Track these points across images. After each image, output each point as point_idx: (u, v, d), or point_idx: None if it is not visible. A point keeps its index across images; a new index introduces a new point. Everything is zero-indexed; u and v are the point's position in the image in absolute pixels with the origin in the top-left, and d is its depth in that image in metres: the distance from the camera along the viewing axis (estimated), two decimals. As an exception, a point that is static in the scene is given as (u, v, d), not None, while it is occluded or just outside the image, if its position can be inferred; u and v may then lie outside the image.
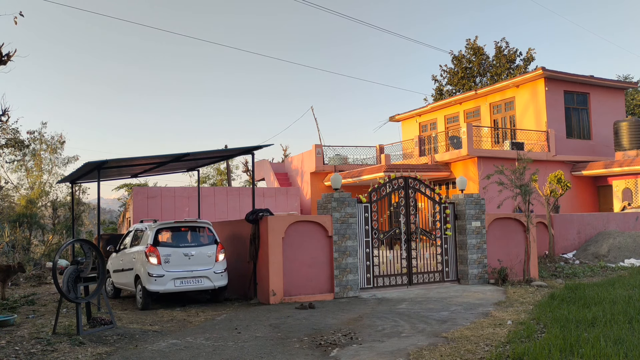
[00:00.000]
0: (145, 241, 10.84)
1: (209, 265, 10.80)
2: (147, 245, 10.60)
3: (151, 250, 10.46)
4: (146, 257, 10.47)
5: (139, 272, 10.66)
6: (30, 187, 31.10)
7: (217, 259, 10.93)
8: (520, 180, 13.17)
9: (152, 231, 10.80)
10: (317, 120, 73.78)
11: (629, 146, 21.01)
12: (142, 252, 10.64)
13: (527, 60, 33.79)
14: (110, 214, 50.09)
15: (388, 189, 12.45)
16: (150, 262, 10.37)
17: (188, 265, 10.59)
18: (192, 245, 10.86)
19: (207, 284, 10.74)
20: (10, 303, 11.27)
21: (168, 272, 10.39)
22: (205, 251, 10.85)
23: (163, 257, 10.42)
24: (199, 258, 10.71)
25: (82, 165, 11.43)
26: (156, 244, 10.57)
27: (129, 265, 11.40)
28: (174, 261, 10.48)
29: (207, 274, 10.71)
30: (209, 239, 11.15)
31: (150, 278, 10.30)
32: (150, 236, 10.70)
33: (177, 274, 10.48)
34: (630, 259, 16.04)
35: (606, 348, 6.20)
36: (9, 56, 12.08)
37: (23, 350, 7.12)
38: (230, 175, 36.95)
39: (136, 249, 11.23)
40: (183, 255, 10.58)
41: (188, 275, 10.56)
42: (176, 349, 7.19)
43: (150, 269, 10.35)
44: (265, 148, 22.16)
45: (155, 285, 10.31)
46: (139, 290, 10.69)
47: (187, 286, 10.55)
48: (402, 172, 16.25)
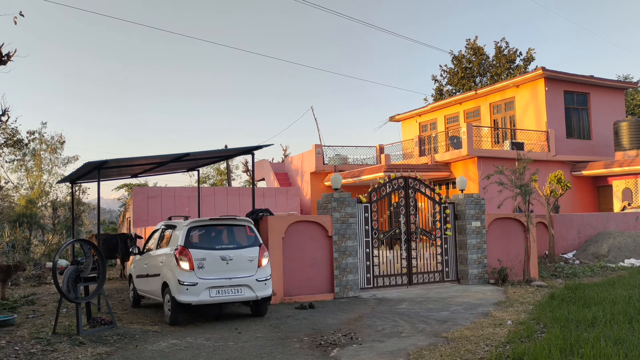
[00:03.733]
0: (175, 242, 9.10)
1: (250, 271, 9.05)
2: (177, 247, 8.87)
3: (182, 253, 8.73)
4: (176, 261, 8.75)
5: (167, 278, 8.98)
6: (30, 187, 31.10)
7: (260, 264, 9.16)
8: (520, 180, 13.17)
9: (182, 230, 9.06)
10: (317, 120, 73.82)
11: (629, 146, 21.02)
12: (171, 255, 8.94)
13: (527, 60, 33.80)
14: (110, 214, 50.08)
15: (388, 189, 12.46)
16: (181, 267, 8.65)
17: (226, 271, 8.86)
18: (231, 247, 9.13)
19: (248, 294, 8.95)
20: (10, 303, 11.27)
21: (202, 279, 8.65)
22: (246, 254, 9.12)
23: (196, 261, 8.69)
24: (239, 263, 9.00)
25: (82, 165, 11.41)
26: (188, 245, 8.85)
27: (154, 271, 9.71)
28: (209, 266, 8.75)
29: (248, 281, 8.96)
30: (249, 239, 9.40)
31: (180, 287, 8.58)
32: (181, 236, 8.96)
33: (213, 281, 8.72)
34: (630, 259, 16.05)
35: (606, 348, 6.20)
36: (9, 56, 12.09)
37: (23, 350, 7.12)
38: (230, 175, 36.96)
39: (163, 252, 9.56)
40: (220, 260, 8.85)
41: (226, 284, 8.80)
42: (176, 349, 7.19)
43: (181, 276, 8.62)
44: (265, 148, 22.16)
45: (187, 295, 8.57)
46: (167, 301, 8.97)
47: (224, 297, 8.79)
48: (402, 172, 16.25)
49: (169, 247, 9.36)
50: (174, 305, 8.78)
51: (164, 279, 9.16)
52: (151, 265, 10.01)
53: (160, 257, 9.60)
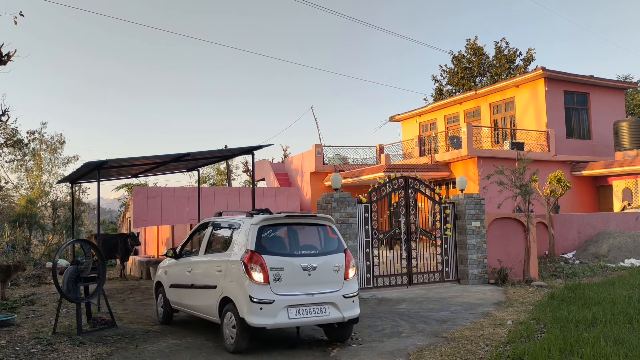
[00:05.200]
0: (240, 245, 7.16)
1: (336, 284, 7.15)
2: (246, 251, 6.91)
3: (253, 260, 6.77)
4: (245, 271, 6.75)
5: (231, 293, 7.01)
6: (30, 187, 31.10)
7: (347, 275, 7.27)
8: (520, 180, 13.17)
9: (251, 229, 7.08)
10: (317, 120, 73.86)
11: (629, 146, 21.02)
12: (237, 263, 6.93)
13: (527, 60, 33.80)
14: (110, 214, 50.07)
15: (388, 189, 12.46)
16: (253, 278, 6.69)
17: (307, 284, 6.96)
18: (312, 254, 7.19)
19: (334, 315, 7.03)
20: (10, 303, 11.27)
21: (279, 295, 6.73)
22: (331, 263, 7.19)
23: (272, 271, 6.75)
24: (323, 273, 7.08)
25: (82, 165, 11.41)
26: (260, 249, 6.88)
27: (205, 281, 7.71)
28: (287, 278, 6.84)
29: (333, 298, 7.06)
30: (332, 243, 7.45)
31: (252, 305, 6.63)
32: (250, 237, 7.01)
33: (293, 298, 6.81)
34: (630, 259, 16.05)
35: (606, 348, 6.20)
36: (9, 56, 12.10)
37: (23, 350, 7.12)
38: (230, 175, 36.94)
39: (220, 257, 7.52)
40: (301, 270, 6.94)
41: (307, 301, 6.88)
42: (177, 349, 7.20)
43: (253, 291, 6.66)
44: (265, 148, 22.16)
45: (261, 316, 6.64)
46: (230, 323, 7.00)
47: (306, 318, 6.87)
48: (402, 172, 16.25)
49: (229, 251, 7.35)
50: (241, 329, 6.76)
51: (224, 293, 7.14)
52: (199, 274, 7.97)
53: (216, 264, 7.50)
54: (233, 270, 7.04)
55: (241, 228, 7.33)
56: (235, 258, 7.04)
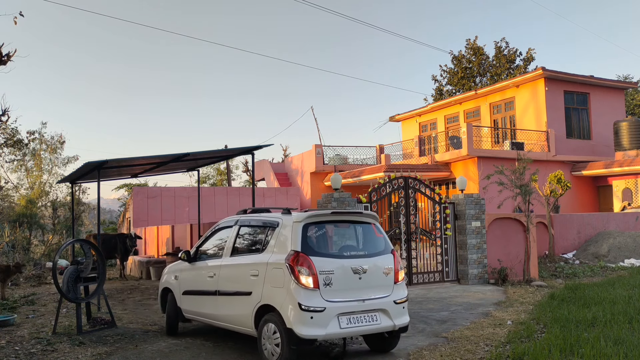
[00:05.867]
0: (282, 244, 6.34)
1: (386, 289, 6.46)
2: (291, 252, 6.10)
3: (301, 262, 6.00)
4: (292, 275, 5.97)
5: (274, 300, 6.13)
6: (30, 187, 31.13)
7: (397, 279, 6.61)
8: (520, 180, 13.18)
9: (296, 227, 6.29)
10: (317, 120, 73.85)
11: (629, 146, 21.02)
12: (282, 265, 6.10)
13: (527, 60, 33.81)
14: (110, 214, 50.09)
15: (388, 189, 12.46)
16: (302, 283, 5.92)
17: (358, 289, 6.23)
18: (361, 255, 6.48)
19: (385, 323, 6.32)
20: (10, 303, 11.28)
21: (330, 302, 5.99)
22: (381, 265, 6.50)
23: (322, 275, 6.00)
24: (373, 277, 6.37)
25: (82, 165, 11.42)
26: (307, 250, 6.11)
27: (236, 287, 6.80)
28: (338, 283, 6.09)
29: (384, 304, 6.35)
30: (379, 243, 6.77)
31: (302, 314, 5.83)
32: (295, 236, 6.21)
33: (343, 305, 6.08)
34: (630, 259, 16.05)
35: (606, 348, 6.21)
36: (9, 56, 12.10)
37: (23, 350, 7.13)
38: (230, 175, 36.95)
39: (257, 259, 6.62)
40: (352, 273, 6.21)
41: (358, 309, 6.15)
42: (176, 349, 7.20)
43: (303, 297, 5.88)
44: (265, 148, 22.18)
45: (311, 326, 5.85)
46: (271, 336, 6.10)
47: (357, 327, 6.12)
48: (402, 172, 16.25)
49: (267, 253, 6.51)
50: (289, 341, 5.87)
51: (263, 301, 6.27)
52: (226, 279, 7.07)
53: (250, 267, 6.63)
54: (275, 274, 6.18)
55: (281, 226, 6.50)
56: (278, 260, 6.19)
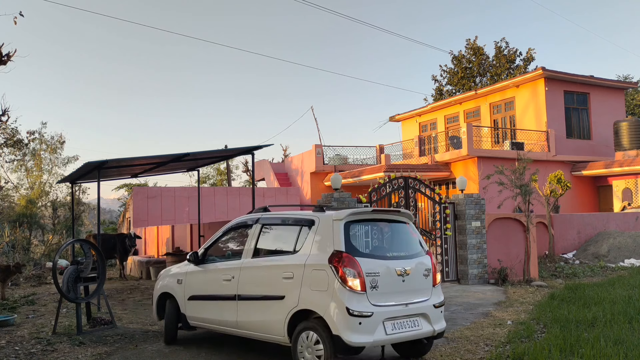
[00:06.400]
0: (321, 244, 5.86)
1: (426, 292, 6.15)
2: (334, 253, 5.66)
3: (347, 263, 5.55)
4: (338, 277, 5.52)
5: (316, 305, 5.65)
6: (30, 187, 31.13)
7: (435, 282, 6.31)
8: (520, 180, 13.18)
9: (337, 225, 5.85)
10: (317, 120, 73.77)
11: (629, 146, 21.03)
12: (325, 267, 5.65)
13: (527, 60, 33.81)
14: (110, 214, 50.08)
15: (388, 189, 12.46)
16: (349, 286, 5.49)
17: (401, 292, 5.88)
18: (403, 256, 6.10)
19: (426, 329, 5.98)
20: (10, 303, 11.28)
21: (377, 306, 5.60)
22: (421, 266, 6.16)
23: (368, 277, 5.60)
24: (415, 279, 6.03)
25: (82, 165, 11.42)
26: (350, 250, 5.69)
27: (265, 291, 6.22)
28: (383, 286, 5.71)
29: (425, 308, 6.02)
30: (415, 243, 6.41)
31: (351, 320, 5.41)
32: (337, 235, 5.78)
33: (389, 310, 5.70)
34: (630, 259, 16.05)
35: (606, 348, 6.21)
36: (9, 56, 12.10)
37: (23, 350, 7.13)
38: (230, 175, 36.95)
39: (290, 260, 6.10)
40: (396, 275, 5.84)
41: (401, 313, 5.79)
42: (176, 349, 7.19)
43: (351, 301, 5.46)
44: (265, 148, 22.15)
45: (360, 333, 5.43)
46: (310, 345, 5.62)
47: (401, 333, 5.74)
48: (402, 172, 16.25)
49: (301, 253, 5.98)
50: (335, 349, 5.44)
51: (300, 305, 5.74)
52: (250, 282, 6.45)
53: (282, 268, 6.07)
54: (316, 276, 5.67)
55: (317, 225, 6.00)
56: (318, 261, 5.71)
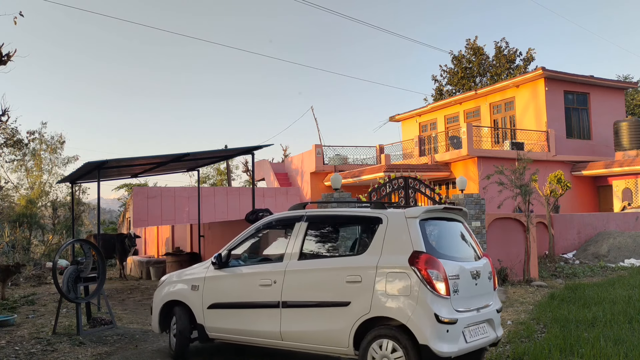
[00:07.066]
0: (395, 243, 5.32)
1: (490, 296, 5.79)
2: (415, 254, 5.14)
3: (431, 265, 5.08)
4: (423, 280, 5.01)
5: (397, 312, 5.07)
6: (30, 187, 31.14)
7: (495, 285, 5.97)
8: (520, 180, 13.18)
9: (412, 224, 5.34)
10: (317, 120, 73.73)
11: (629, 146, 21.03)
12: (405, 268, 5.10)
13: (527, 60, 33.82)
14: (110, 214, 50.08)
15: (388, 189, 12.45)
16: (437, 290, 5.02)
17: (474, 297, 5.50)
18: (471, 257, 5.77)
19: (491, 336, 5.59)
20: (10, 303, 11.28)
21: (459, 312, 5.17)
22: (487, 268, 5.79)
23: (451, 280, 5.16)
24: (483, 282, 5.66)
25: (82, 165, 11.43)
26: (430, 251, 5.23)
27: (324, 296, 5.54)
28: (462, 289, 5.29)
29: (490, 314, 5.65)
30: (473, 244, 6.01)
31: (439, 327, 4.93)
32: (415, 233, 5.27)
33: (468, 316, 5.28)
34: (630, 259, 16.05)
35: (606, 348, 6.21)
36: (9, 56, 12.08)
37: (23, 350, 7.12)
38: (230, 175, 36.96)
39: (354, 261, 5.50)
40: (471, 278, 5.47)
41: (475, 320, 5.36)
42: (176, 349, 7.18)
43: (439, 307, 5.00)
44: (265, 148, 22.16)
45: (448, 341, 4.97)
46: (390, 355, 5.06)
47: (476, 341, 5.30)
48: (402, 172, 16.24)
49: (370, 254, 5.38)
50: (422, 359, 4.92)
51: (372, 312, 5.16)
52: (302, 287, 5.72)
53: (346, 271, 5.42)
54: (394, 279, 5.12)
55: (387, 223, 5.44)
56: (395, 263, 5.16)
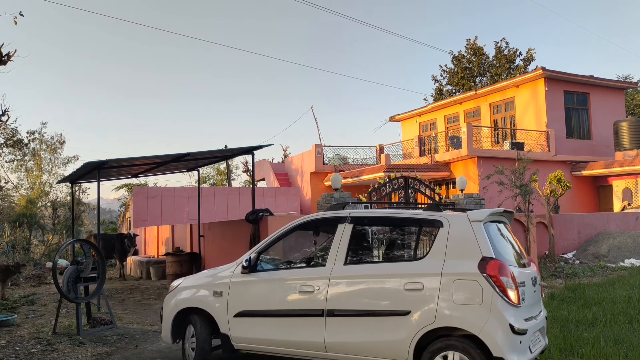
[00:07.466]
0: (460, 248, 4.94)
1: (540, 302, 5.55)
2: (485, 260, 4.77)
3: (503, 272, 4.72)
4: (496, 288, 4.65)
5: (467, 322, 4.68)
6: (30, 187, 31.12)
7: (542, 291, 5.83)
8: (520, 180, 13.19)
9: (477, 227, 4.99)
10: (317, 120, 73.74)
11: (629, 146, 21.03)
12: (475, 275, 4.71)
13: (527, 60, 33.83)
14: (110, 214, 50.07)
15: (388, 189, 12.46)
16: (510, 298, 4.67)
17: (534, 304, 5.24)
18: (523, 263, 5.47)
19: (543, 344, 5.28)
20: (10, 303, 11.28)
21: (527, 321, 4.88)
22: (536, 274, 5.54)
23: (520, 288, 4.85)
24: (537, 289, 5.43)
25: (82, 165, 11.42)
26: (498, 256, 4.89)
27: (379, 305, 5.11)
28: (527, 297, 5.01)
29: (543, 321, 5.39)
30: (518, 247, 5.76)
31: (514, 338, 4.60)
32: (482, 238, 4.93)
33: (532, 325, 4.95)
34: (630, 259, 16.04)
35: (606, 348, 6.21)
36: (9, 56, 12.07)
37: (23, 350, 7.12)
38: (230, 175, 36.97)
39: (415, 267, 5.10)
40: (532, 285, 5.23)
41: (534, 328, 5.02)
42: (176, 349, 7.19)
43: (513, 316, 4.66)
44: (265, 148, 22.17)
45: (522, 353, 4.67)
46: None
47: (536, 351, 4.99)
48: (402, 172, 16.25)
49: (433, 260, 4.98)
50: None
51: (439, 322, 4.77)
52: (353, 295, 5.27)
53: (405, 278, 5.03)
54: (462, 287, 4.75)
55: (449, 227, 5.06)
56: (462, 269, 4.80)
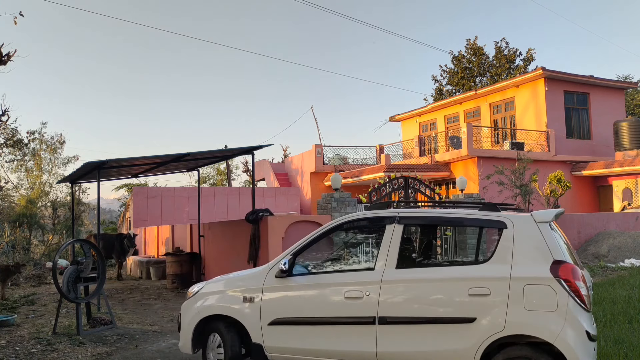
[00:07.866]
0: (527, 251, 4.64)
1: None
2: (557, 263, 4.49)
3: (578, 276, 4.48)
4: (571, 293, 4.40)
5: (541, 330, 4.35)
6: (30, 187, 31.12)
7: None
8: (520, 180, 13.20)
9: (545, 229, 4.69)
10: (317, 120, 73.73)
11: (629, 146, 21.04)
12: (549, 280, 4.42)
13: (527, 60, 33.84)
14: (110, 214, 50.05)
15: (388, 189, 12.46)
16: (585, 303, 4.47)
17: None
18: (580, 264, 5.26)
19: None
20: (10, 303, 11.28)
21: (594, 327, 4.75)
22: None
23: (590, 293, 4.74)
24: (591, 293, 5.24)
25: (82, 165, 11.42)
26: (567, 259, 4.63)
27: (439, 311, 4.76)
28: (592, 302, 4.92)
29: None
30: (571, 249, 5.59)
31: (590, 346, 4.40)
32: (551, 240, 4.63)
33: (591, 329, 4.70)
34: (630, 259, 16.05)
35: (606, 348, 6.21)
36: (9, 56, 12.07)
37: (23, 350, 7.12)
38: (230, 175, 36.97)
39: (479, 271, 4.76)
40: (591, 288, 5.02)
41: None
42: (176, 349, 7.19)
43: (588, 323, 4.49)
44: (265, 148, 22.17)
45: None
46: None
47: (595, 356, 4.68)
48: (402, 172, 16.25)
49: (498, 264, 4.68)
50: None
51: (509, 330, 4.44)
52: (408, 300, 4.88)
53: (468, 283, 4.70)
54: (534, 292, 4.45)
55: (513, 228, 4.76)
56: (534, 273, 4.51)
